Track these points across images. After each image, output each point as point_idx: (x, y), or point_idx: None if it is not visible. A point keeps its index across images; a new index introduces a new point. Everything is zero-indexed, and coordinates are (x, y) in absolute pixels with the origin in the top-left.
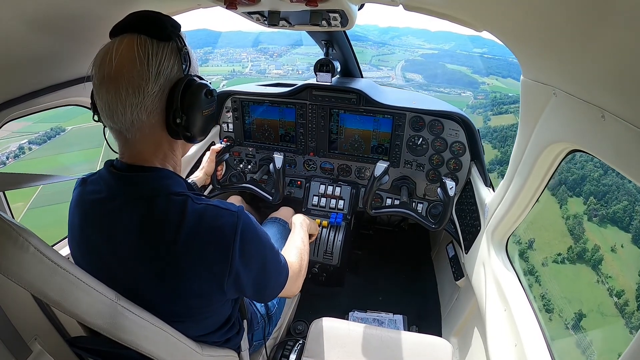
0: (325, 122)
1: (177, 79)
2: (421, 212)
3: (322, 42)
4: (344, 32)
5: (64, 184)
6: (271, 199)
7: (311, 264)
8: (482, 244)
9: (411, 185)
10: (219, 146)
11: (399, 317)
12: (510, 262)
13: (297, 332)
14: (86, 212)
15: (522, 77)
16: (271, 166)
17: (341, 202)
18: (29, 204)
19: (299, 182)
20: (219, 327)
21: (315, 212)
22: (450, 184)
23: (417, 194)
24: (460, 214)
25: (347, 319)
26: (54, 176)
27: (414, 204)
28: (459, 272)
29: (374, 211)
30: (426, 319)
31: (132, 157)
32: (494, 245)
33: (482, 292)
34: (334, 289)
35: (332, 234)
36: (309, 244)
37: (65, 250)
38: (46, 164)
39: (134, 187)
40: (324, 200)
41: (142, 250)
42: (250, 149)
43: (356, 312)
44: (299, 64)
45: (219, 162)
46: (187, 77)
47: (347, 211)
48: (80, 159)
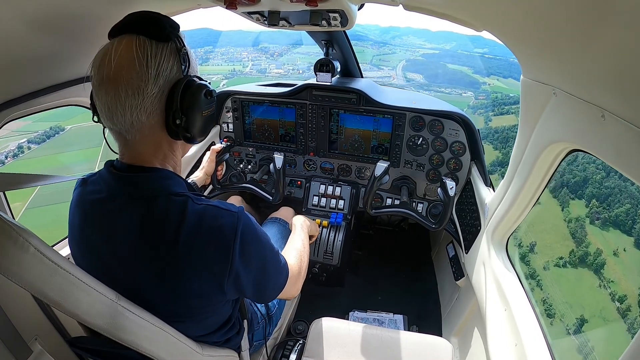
0: (325, 122)
1: (176, 79)
2: (421, 212)
3: (322, 42)
4: (344, 32)
5: (62, 183)
6: (271, 199)
7: (311, 263)
8: (482, 243)
9: (411, 185)
10: (219, 146)
11: (399, 317)
12: (510, 262)
13: (298, 332)
14: (86, 212)
15: (522, 76)
16: (271, 166)
17: (341, 202)
18: (27, 203)
19: (299, 182)
20: (219, 327)
21: (315, 212)
22: (450, 183)
23: (417, 193)
24: (460, 213)
25: (348, 319)
26: (54, 176)
27: (414, 203)
28: (459, 272)
29: (374, 211)
30: (426, 318)
31: (132, 158)
32: (494, 245)
33: (482, 292)
34: (334, 289)
35: (332, 234)
36: (309, 245)
37: (65, 250)
38: (45, 163)
39: (134, 188)
40: (324, 200)
41: (142, 250)
42: (250, 149)
43: (356, 312)
44: (300, 64)
45: (219, 162)
46: (186, 77)
47: (347, 211)
48: (79, 158)
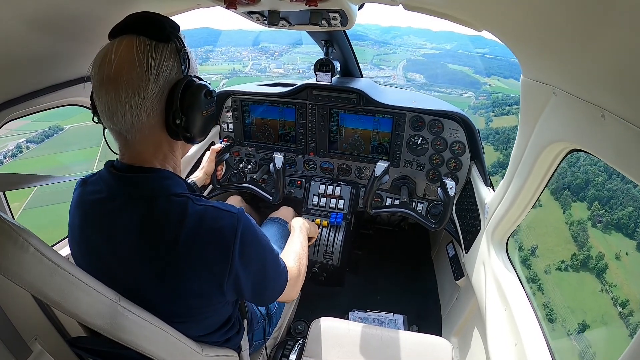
0: (325, 122)
1: (176, 80)
2: (421, 212)
3: (322, 42)
4: (344, 31)
5: (62, 184)
6: (271, 199)
7: (311, 263)
8: (482, 243)
9: (411, 185)
10: (219, 146)
11: (399, 317)
12: (510, 262)
13: (297, 331)
14: (86, 213)
15: (522, 76)
16: (271, 166)
17: (341, 202)
18: (24, 204)
19: (299, 182)
20: (219, 327)
21: (315, 212)
22: (450, 183)
23: (417, 193)
24: (460, 213)
25: (347, 319)
26: (54, 177)
27: (414, 203)
28: (459, 271)
29: (374, 211)
30: (426, 318)
31: (132, 158)
32: (494, 244)
33: (482, 292)
34: (334, 288)
35: (332, 234)
36: (309, 246)
37: (65, 250)
38: (43, 163)
39: (134, 188)
40: (324, 200)
41: (142, 250)
42: (250, 149)
43: (356, 311)
44: (300, 63)
45: (219, 162)
46: (186, 77)
47: (347, 211)
48: (78, 158)
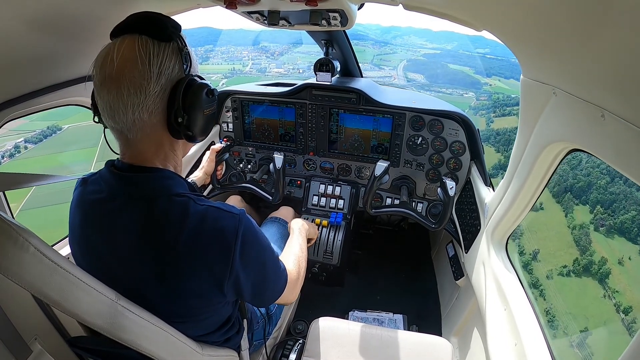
0: (325, 122)
1: (178, 78)
2: (421, 212)
3: (322, 42)
4: (344, 31)
5: (60, 184)
6: (271, 198)
7: (311, 263)
8: (482, 243)
9: (411, 184)
10: (218, 146)
11: (399, 317)
12: (510, 262)
13: (297, 331)
14: (86, 212)
15: (522, 76)
16: (271, 166)
17: (341, 202)
18: (22, 204)
19: (298, 182)
20: (219, 327)
21: (315, 212)
22: (450, 183)
23: (417, 193)
24: (460, 213)
25: (347, 319)
26: (54, 176)
27: (413, 203)
28: (458, 271)
29: (374, 211)
30: (426, 318)
31: (133, 157)
32: (493, 244)
33: (482, 292)
34: (334, 288)
35: (332, 234)
36: (308, 247)
37: (65, 250)
38: (42, 163)
39: (134, 187)
40: (323, 199)
41: (143, 250)
42: (250, 149)
43: (356, 311)
44: (300, 63)
45: (218, 162)
46: (188, 76)
47: (347, 211)
48: (77, 158)
